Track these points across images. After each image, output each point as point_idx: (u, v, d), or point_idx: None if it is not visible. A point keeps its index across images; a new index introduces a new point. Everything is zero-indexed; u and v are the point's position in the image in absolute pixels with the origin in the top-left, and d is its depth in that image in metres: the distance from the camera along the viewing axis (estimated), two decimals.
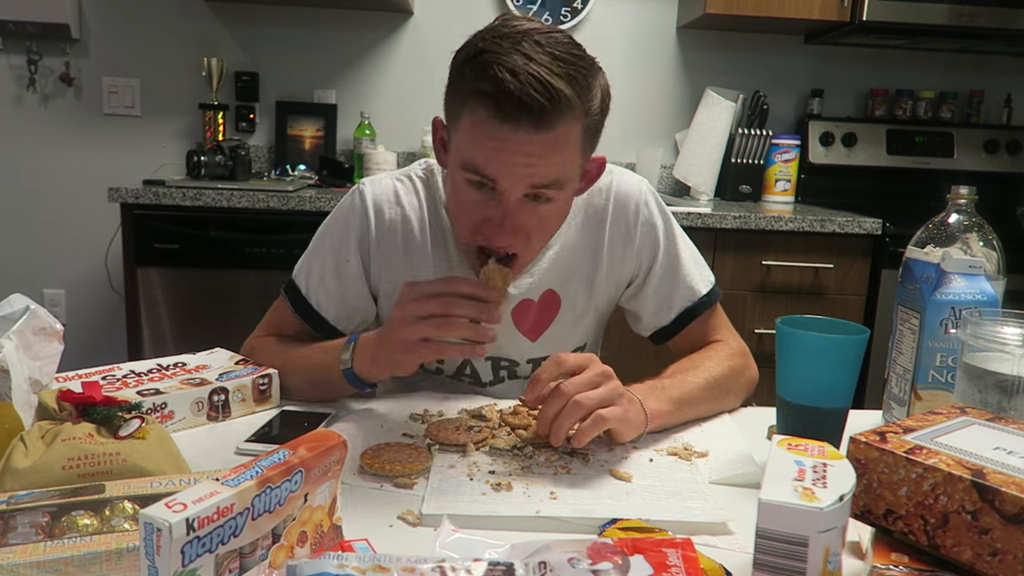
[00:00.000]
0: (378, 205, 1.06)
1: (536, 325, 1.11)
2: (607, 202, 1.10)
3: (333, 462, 0.62)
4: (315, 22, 2.76)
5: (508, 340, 1.10)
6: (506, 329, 1.08)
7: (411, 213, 1.07)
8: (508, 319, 1.09)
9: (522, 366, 1.13)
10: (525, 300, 1.09)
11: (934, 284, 0.89)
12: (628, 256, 1.11)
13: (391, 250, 1.07)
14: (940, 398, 0.90)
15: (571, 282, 1.10)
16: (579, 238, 1.10)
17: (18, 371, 0.79)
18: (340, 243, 1.07)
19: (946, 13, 2.48)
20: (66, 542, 0.58)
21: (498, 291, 0.88)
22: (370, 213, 1.06)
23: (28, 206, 2.78)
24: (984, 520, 0.57)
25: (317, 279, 1.07)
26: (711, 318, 1.14)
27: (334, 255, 1.07)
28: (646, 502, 0.76)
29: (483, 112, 0.85)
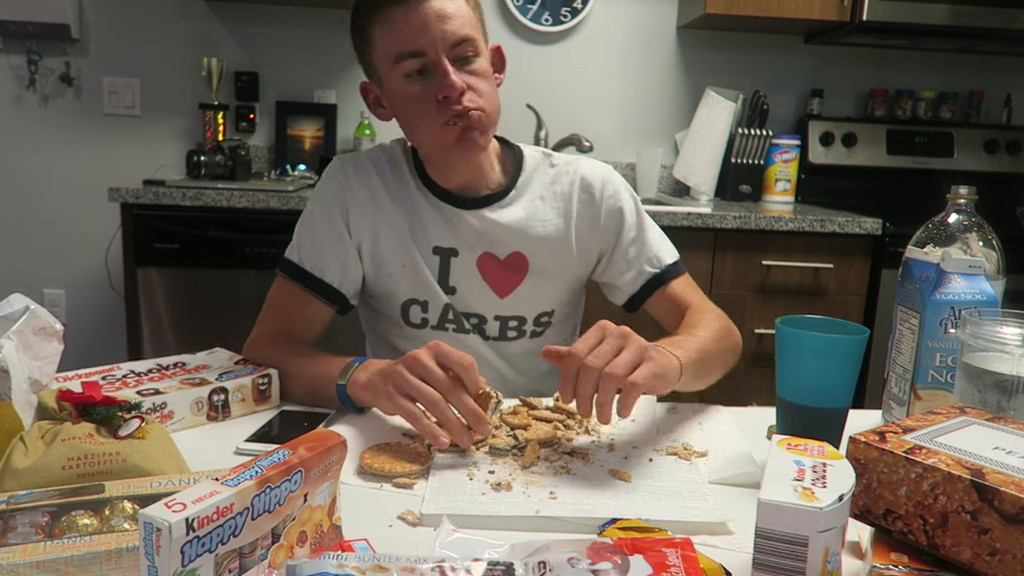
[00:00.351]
0: (349, 165, 1.17)
1: (504, 283, 1.18)
2: (573, 180, 1.19)
3: (333, 462, 0.62)
4: (315, 22, 2.76)
5: (475, 294, 1.17)
6: (472, 284, 1.16)
7: (382, 175, 1.17)
8: (475, 273, 1.16)
9: (489, 323, 1.19)
10: (489, 253, 1.16)
11: (934, 284, 0.89)
12: (596, 232, 1.20)
13: (366, 207, 1.15)
14: (940, 398, 0.90)
15: (539, 250, 1.18)
16: (548, 212, 1.18)
17: (18, 371, 0.79)
18: (323, 204, 1.15)
19: (946, 13, 2.48)
20: (66, 542, 0.58)
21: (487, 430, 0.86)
22: (342, 171, 1.16)
23: (28, 206, 2.79)
24: (983, 520, 0.57)
25: (308, 243, 1.14)
26: (683, 286, 1.20)
27: (319, 216, 1.15)
28: (646, 502, 0.76)
29: (384, 9, 1.02)
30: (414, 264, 1.15)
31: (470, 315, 1.18)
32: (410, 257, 1.15)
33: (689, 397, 1.09)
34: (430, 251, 1.16)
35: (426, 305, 1.17)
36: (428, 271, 1.15)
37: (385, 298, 1.19)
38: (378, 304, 1.21)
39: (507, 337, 1.20)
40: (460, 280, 1.16)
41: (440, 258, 1.16)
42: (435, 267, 1.16)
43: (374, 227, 1.15)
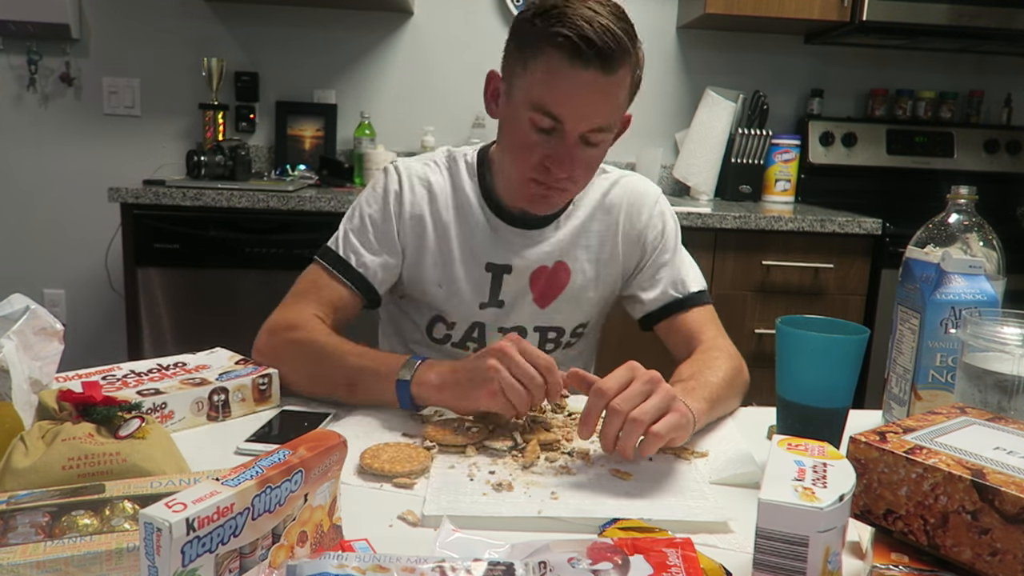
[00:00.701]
0: (409, 174, 1.17)
1: (546, 293, 1.19)
2: (623, 192, 1.21)
3: (333, 462, 0.62)
4: (315, 22, 2.76)
5: (521, 304, 1.17)
6: (523, 298, 1.18)
7: (437, 188, 1.17)
8: (526, 288, 1.18)
9: (529, 335, 1.20)
10: (541, 267, 1.17)
11: (934, 284, 0.89)
12: (637, 245, 1.21)
13: (419, 219, 1.15)
14: (940, 398, 0.90)
15: (581, 259, 1.19)
16: (593, 221, 1.20)
17: (18, 371, 0.79)
18: (374, 206, 1.16)
19: (946, 13, 2.48)
20: (66, 542, 0.58)
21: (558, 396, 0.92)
22: (403, 181, 1.16)
23: (28, 206, 2.79)
24: (984, 520, 0.57)
25: (355, 238, 1.15)
26: (702, 316, 1.18)
27: (368, 216, 1.15)
28: (647, 501, 0.76)
29: (559, 55, 0.97)
30: (451, 286, 1.16)
31: (511, 329, 1.18)
32: (449, 279, 1.16)
33: None
34: (482, 268, 1.16)
35: (453, 325, 1.18)
36: (467, 292, 1.16)
37: (415, 306, 1.20)
38: (406, 306, 1.22)
39: (544, 349, 1.17)
40: (510, 295, 1.17)
41: (492, 275, 1.17)
42: (485, 284, 1.17)
43: (422, 245, 1.16)
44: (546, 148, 1.03)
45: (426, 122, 2.75)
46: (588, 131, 1.02)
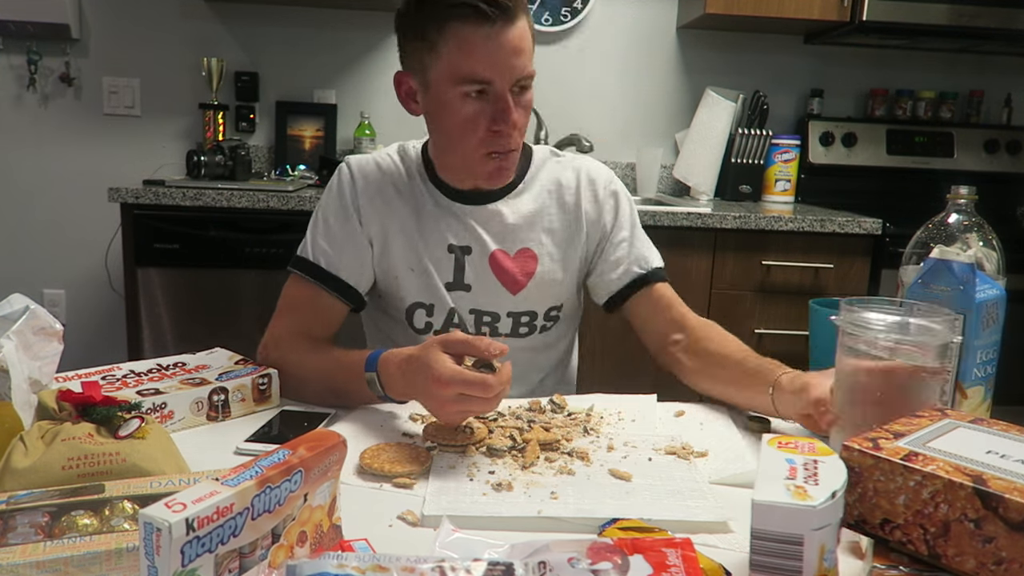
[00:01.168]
0: (362, 169, 1.18)
1: (515, 280, 1.19)
2: (577, 175, 1.22)
3: (333, 462, 0.62)
4: (315, 22, 2.76)
5: (489, 291, 1.18)
6: (486, 281, 1.18)
7: (392, 175, 1.19)
8: (488, 271, 1.17)
9: (503, 320, 1.20)
10: (499, 251, 1.18)
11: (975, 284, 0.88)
12: (596, 225, 1.22)
13: (379, 207, 1.17)
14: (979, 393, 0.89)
15: (546, 243, 1.20)
16: (551, 203, 1.21)
17: (18, 371, 0.79)
18: (334, 206, 1.17)
19: (946, 13, 2.48)
20: (66, 542, 0.58)
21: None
22: (356, 175, 1.18)
23: (28, 206, 2.78)
24: (988, 528, 0.55)
25: (322, 243, 1.15)
26: (670, 291, 1.22)
27: (332, 216, 1.16)
28: (646, 501, 0.76)
29: (466, 26, 1.00)
30: (422, 267, 1.16)
31: (484, 313, 1.19)
32: (418, 260, 1.16)
33: (689, 397, 1.09)
34: (444, 249, 1.17)
35: (432, 309, 1.18)
36: (437, 274, 1.16)
37: (391, 300, 1.20)
38: (385, 304, 1.22)
39: (519, 334, 1.21)
40: (475, 278, 1.18)
41: (455, 256, 1.17)
42: (450, 265, 1.17)
43: (383, 229, 1.16)
44: (486, 113, 1.05)
45: None
46: (516, 82, 1.04)
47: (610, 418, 0.99)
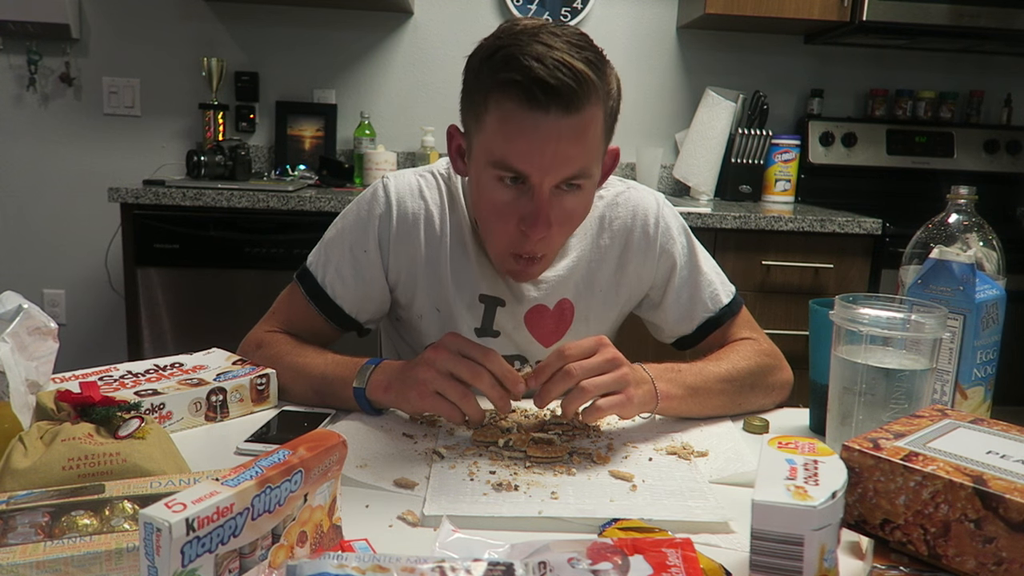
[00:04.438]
0: (400, 197, 1.06)
1: (550, 334, 1.12)
2: (628, 215, 1.11)
3: (333, 462, 0.62)
4: (315, 22, 2.76)
5: (520, 342, 1.12)
6: (518, 333, 1.11)
7: (433, 208, 1.07)
8: (521, 324, 1.10)
9: (531, 363, 1.14)
10: (539, 306, 1.10)
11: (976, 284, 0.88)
12: (648, 268, 1.12)
13: (411, 243, 1.06)
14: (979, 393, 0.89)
15: (586, 293, 1.11)
16: (596, 250, 1.10)
17: (15, 373, 0.79)
18: (360, 233, 1.07)
19: (946, 13, 2.48)
20: (66, 542, 0.58)
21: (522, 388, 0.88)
22: (392, 205, 1.06)
23: (28, 206, 2.78)
24: (988, 528, 0.55)
25: (334, 268, 1.07)
26: (734, 324, 1.14)
27: (352, 245, 1.07)
28: (647, 501, 0.76)
29: (511, 103, 0.86)
30: (449, 311, 1.08)
31: (511, 357, 1.11)
32: (446, 303, 1.08)
33: None
34: (475, 298, 1.08)
35: None
36: (465, 319, 1.08)
37: (412, 331, 1.14)
38: (404, 329, 1.16)
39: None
40: (506, 328, 1.10)
41: (485, 306, 1.09)
42: (478, 314, 1.09)
43: (414, 270, 1.07)
44: (519, 207, 0.91)
45: (426, 122, 2.75)
46: (561, 181, 0.90)
47: (611, 418, 0.99)
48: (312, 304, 1.08)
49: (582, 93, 0.85)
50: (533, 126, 0.86)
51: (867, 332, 0.80)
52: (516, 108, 0.86)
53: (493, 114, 0.88)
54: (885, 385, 0.79)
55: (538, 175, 0.89)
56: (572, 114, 0.86)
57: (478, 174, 0.94)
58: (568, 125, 0.86)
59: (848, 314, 0.81)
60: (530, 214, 0.90)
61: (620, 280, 1.12)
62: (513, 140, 0.88)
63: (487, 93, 0.89)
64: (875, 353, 0.81)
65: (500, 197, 0.92)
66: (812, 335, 0.87)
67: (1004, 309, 0.90)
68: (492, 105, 0.88)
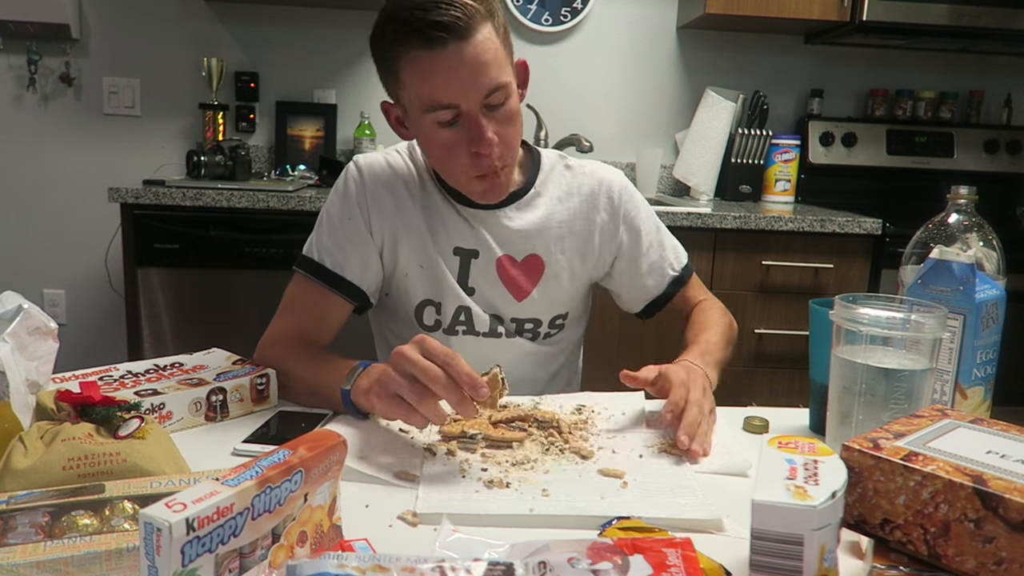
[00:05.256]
0: (371, 168, 1.16)
1: (520, 287, 1.18)
2: (588, 182, 1.21)
3: (333, 462, 0.62)
4: (315, 22, 2.76)
5: (494, 296, 1.18)
6: (492, 286, 1.17)
7: (401, 173, 1.17)
8: (494, 276, 1.17)
9: (506, 323, 1.19)
10: (507, 256, 1.17)
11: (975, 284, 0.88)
12: (614, 236, 1.21)
13: (386, 207, 1.14)
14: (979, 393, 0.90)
15: (554, 250, 1.18)
16: (565, 214, 1.19)
17: (15, 373, 0.79)
18: (341, 204, 1.15)
19: (946, 13, 2.48)
20: (66, 542, 0.58)
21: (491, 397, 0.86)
22: (364, 172, 1.16)
23: (28, 206, 2.78)
24: (988, 528, 0.55)
25: (328, 242, 1.14)
26: (696, 284, 1.28)
27: (337, 217, 1.14)
28: (637, 499, 0.77)
29: (415, 53, 0.98)
30: (432, 264, 1.15)
31: (488, 315, 1.18)
32: (429, 258, 1.15)
33: None
34: (450, 251, 1.16)
35: (440, 307, 1.17)
36: (447, 271, 1.15)
37: (400, 298, 1.19)
38: (393, 303, 1.21)
39: (523, 335, 1.21)
40: (479, 281, 1.17)
41: (460, 259, 1.16)
42: (455, 268, 1.16)
43: (394, 227, 1.15)
44: (462, 138, 1.02)
45: None
46: (485, 99, 1.00)
47: (599, 416, 1.00)
48: (317, 281, 1.12)
49: (470, 20, 0.96)
50: (441, 61, 0.97)
51: (867, 332, 0.80)
52: (421, 53, 0.97)
53: (405, 68, 1.00)
54: (885, 385, 0.79)
55: (463, 100, 0.99)
56: (468, 39, 0.97)
57: (419, 128, 1.05)
58: (469, 49, 0.97)
59: (848, 314, 0.81)
60: (474, 137, 1.01)
61: (588, 242, 1.20)
62: (429, 79, 0.99)
63: (395, 53, 1.00)
64: (875, 353, 0.81)
65: (444, 137, 1.03)
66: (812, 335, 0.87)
67: (1004, 309, 0.90)
68: (403, 61, 0.99)
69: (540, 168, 1.20)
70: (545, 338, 1.22)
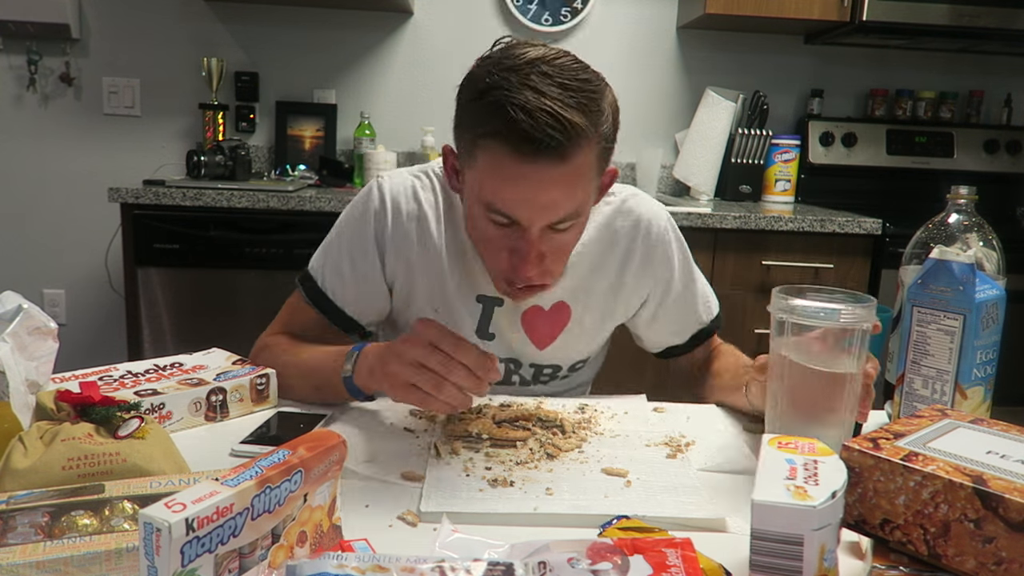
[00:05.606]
0: (395, 199, 1.06)
1: (545, 336, 1.12)
2: (632, 225, 1.11)
3: (333, 462, 0.62)
4: (315, 22, 2.76)
5: (515, 344, 1.12)
6: (514, 335, 1.11)
7: (428, 209, 1.07)
8: (517, 325, 1.10)
9: (524, 368, 1.15)
10: (535, 307, 1.10)
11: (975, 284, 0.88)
12: (646, 277, 1.13)
13: (406, 245, 1.07)
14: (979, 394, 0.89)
15: (584, 298, 1.11)
16: (598, 256, 1.10)
17: (15, 373, 0.79)
18: (356, 233, 1.07)
19: (946, 13, 2.48)
20: (66, 542, 0.58)
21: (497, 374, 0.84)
22: (387, 207, 1.06)
23: (28, 206, 2.78)
24: (988, 528, 0.55)
25: (333, 270, 1.08)
26: (715, 339, 1.22)
27: (351, 247, 1.07)
28: (641, 498, 0.77)
29: (499, 151, 0.85)
30: (451, 310, 1.08)
31: (506, 359, 1.12)
32: (446, 303, 1.08)
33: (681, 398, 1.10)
34: (473, 299, 1.08)
35: None
36: (465, 319, 1.08)
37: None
38: (402, 331, 1.14)
39: (539, 381, 1.17)
40: (501, 327, 1.10)
41: (483, 306, 1.09)
42: (476, 314, 1.09)
43: (411, 268, 1.07)
44: (509, 242, 0.92)
45: (426, 122, 2.74)
46: (551, 224, 0.90)
47: (602, 415, 1.00)
48: (313, 307, 1.09)
49: (570, 144, 0.83)
50: (522, 175, 0.85)
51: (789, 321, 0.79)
52: (504, 157, 0.85)
53: (482, 158, 0.88)
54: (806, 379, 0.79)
55: (527, 220, 0.89)
56: (561, 165, 0.85)
57: (471, 203, 0.95)
58: (559, 173, 0.85)
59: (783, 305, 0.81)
60: (520, 252, 0.91)
61: (619, 287, 1.12)
62: (501, 188, 0.87)
63: (475, 136, 0.88)
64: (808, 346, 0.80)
65: (491, 232, 0.93)
66: None
67: (1004, 309, 0.89)
68: (480, 149, 0.88)
69: None
70: (562, 380, 1.18)
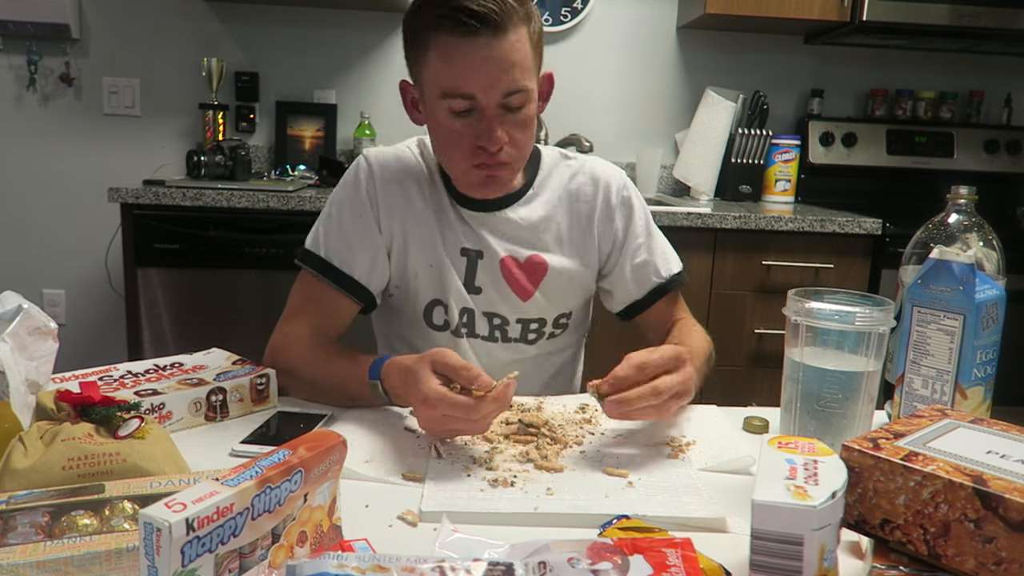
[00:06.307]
0: (382, 163, 1.15)
1: (524, 287, 1.18)
2: (588, 179, 1.20)
3: (333, 462, 0.62)
4: (315, 22, 2.76)
5: (500, 297, 1.18)
6: (497, 286, 1.17)
7: (412, 170, 1.16)
8: (499, 276, 1.16)
9: (512, 325, 1.19)
10: (510, 258, 1.16)
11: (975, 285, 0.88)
12: (610, 230, 1.21)
13: (397, 201, 1.14)
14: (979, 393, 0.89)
15: (554, 249, 1.18)
16: (560, 209, 1.19)
17: (15, 373, 0.79)
18: (351, 199, 1.14)
19: (946, 13, 2.48)
20: (66, 542, 0.58)
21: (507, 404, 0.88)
22: (375, 168, 1.14)
23: (28, 206, 2.78)
24: (988, 528, 0.55)
25: (335, 237, 1.13)
26: (677, 299, 1.25)
27: (347, 212, 1.13)
28: (642, 498, 0.77)
29: (446, 37, 0.98)
30: (441, 264, 1.15)
31: (493, 316, 1.18)
32: (437, 257, 1.14)
33: None
34: (458, 252, 1.15)
35: (448, 307, 1.17)
36: (455, 272, 1.15)
37: (408, 297, 1.18)
38: (399, 303, 1.20)
39: (527, 340, 1.21)
40: (485, 282, 1.16)
41: (467, 259, 1.16)
42: (462, 268, 1.15)
43: (404, 226, 1.14)
44: (472, 129, 1.02)
45: None
46: (504, 98, 1.00)
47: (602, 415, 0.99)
48: (323, 279, 1.11)
49: (506, 16, 0.97)
50: (469, 50, 0.97)
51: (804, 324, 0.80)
52: (451, 38, 0.97)
53: (433, 50, 1.00)
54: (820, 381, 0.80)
55: (481, 93, 0.99)
56: (500, 35, 0.97)
57: (432, 112, 1.05)
58: (499, 45, 0.97)
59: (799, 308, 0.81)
60: (483, 132, 1.02)
61: (587, 234, 1.20)
62: (454, 66, 0.99)
63: (425, 32, 1.00)
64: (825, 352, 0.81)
65: (454, 125, 1.03)
66: None
67: (1004, 309, 0.89)
68: (431, 42, 1.00)
69: (540, 167, 1.20)
70: (550, 337, 1.22)
